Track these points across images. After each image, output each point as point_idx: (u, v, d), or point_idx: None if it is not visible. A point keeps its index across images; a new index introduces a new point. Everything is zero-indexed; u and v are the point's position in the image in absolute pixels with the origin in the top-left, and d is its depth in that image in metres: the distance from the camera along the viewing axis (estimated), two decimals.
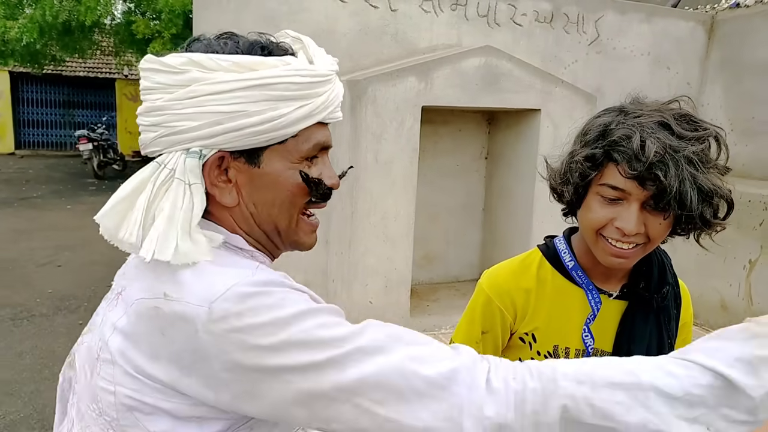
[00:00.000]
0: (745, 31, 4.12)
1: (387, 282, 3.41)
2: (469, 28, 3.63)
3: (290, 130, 0.80)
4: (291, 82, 0.78)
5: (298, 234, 0.89)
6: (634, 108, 1.18)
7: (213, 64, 0.76)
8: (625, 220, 1.12)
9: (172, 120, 0.77)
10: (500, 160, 4.09)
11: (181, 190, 0.76)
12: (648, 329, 1.29)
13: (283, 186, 0.83)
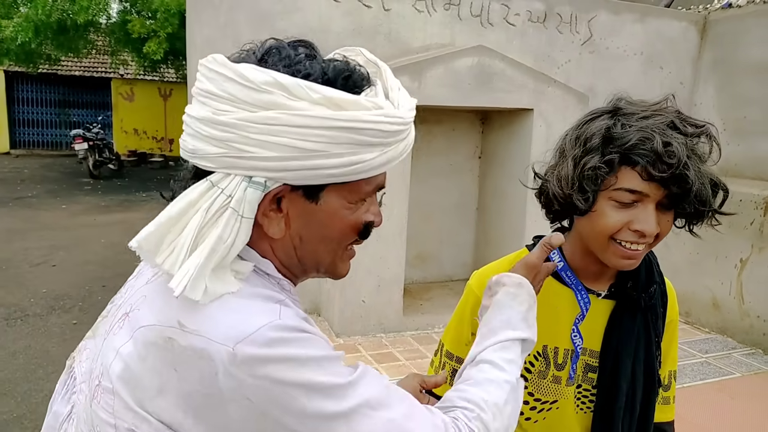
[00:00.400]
0: (737, 31, 4.14)
1: (380, 281, 3.41)
2: (463, 28, 3.64)
3: (363, 175, 0.74)
4: (379, 129, 0.72)
5: (338, 266, 0.85)
6: (631, 108, 1.18)
7: (302, 93, 0.69)
8: (644, 222, 1.12)
9: (242, 142, 0.69)
10: (493, 159, 4.10)
11: (231, 222, 0.70)
12: (636, 328, 1.31)
13: (337, 225, 0.78)
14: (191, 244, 0.68)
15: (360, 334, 3.44)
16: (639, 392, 1.33)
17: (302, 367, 0.66)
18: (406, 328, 3.55)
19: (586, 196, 1.14)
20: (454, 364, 1.38)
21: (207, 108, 0.71)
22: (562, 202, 1.20)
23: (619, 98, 1.21)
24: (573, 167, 1.15)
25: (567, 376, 1.34)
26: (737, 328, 3.66)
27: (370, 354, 3.26)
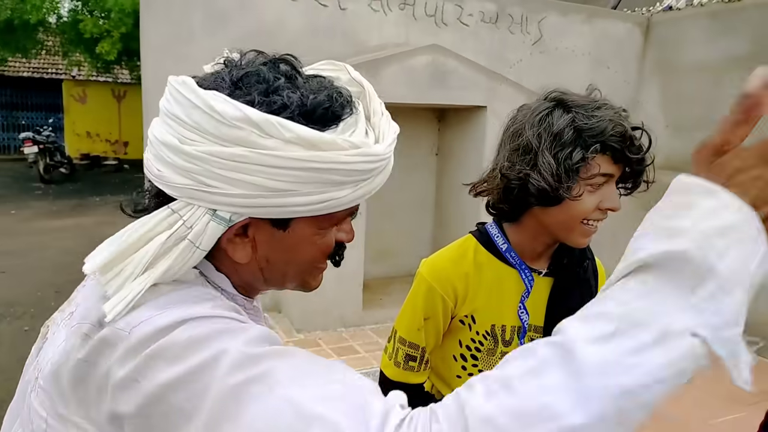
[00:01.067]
0: (677, 32, 4.37)
1: (339, 276, 3.46)
2: (417, 28, 3.73)
3: (334, 210, 0.71)
4: (353, 170, 0.68)
5: (308, 282, 0.82)
6: (578, 101, 1.28)
7: (274, 131, 0.64)
8: (612, 200, 1.24)
9: (207, 176, 0.65)
10: (450, 156, 4.20)
11: (186, 254, 0.67)
12: (574, 300, 1.39)
13: (306, 251, 0.75)
14: (140, 272, 0.65)
15: (320, 329, 3.47)
16: None
17: (170, 366, 0.60)
18: (366, 322, 3.60)
19: (570, 185, 1.24)
20: (407, 349, 1.45)
21: (173, 133, 0.67)
22: (548, 194, 1.25)
23: (554, 91, 1.32)
24: (555, 162, 1.24)
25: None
26: None
27: (331, 348, 3.30)
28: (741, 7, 3.96)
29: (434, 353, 1.51)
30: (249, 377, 0.57)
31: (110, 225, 8.23)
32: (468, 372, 1.46)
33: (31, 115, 17.17)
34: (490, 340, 1.43)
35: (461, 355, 1.45)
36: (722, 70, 4.06)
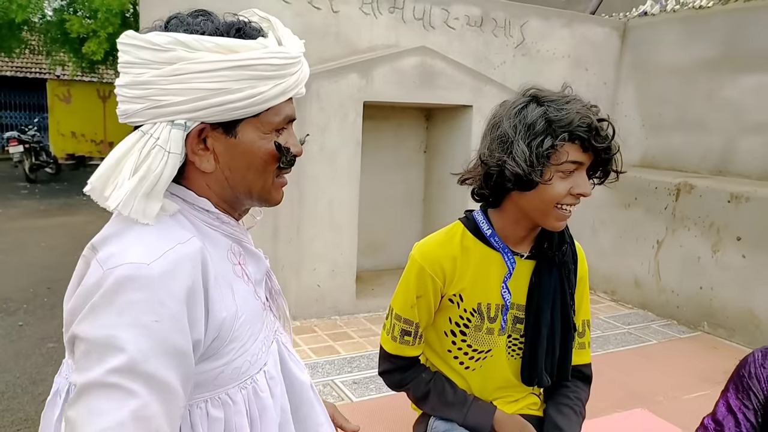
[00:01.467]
0: (652, 36, 4.60)
1: (334, 266, 3.62)
2: (406, 30, 3.90)
3: (265, 105, 0.89)
4: (269, 64, 0.86)
5: (270, 193, 0.98)
6: (550, 96, 1.45)
7: (198, 45, 0.83)
8: (583, 186, 1.42)
9: (158, 94, 0.83)
10: (437, 153, 4.38)
11: (159, 156, 0.84)
12: (553, 281, 1.56)
13: (256, 154, 0.92)
14: (129, 176, 0.83)
15: (316, 316, 3.63)
16: (557, 337, 1.59)
17: (109, 317, 0.76)
18: (359, 311, 3.76)
19: (541, 171, 1.40)
20: (402, 324, 1.60)
21: (128, 76, 0.85)
22: (521, 180, 1.40)
23: (531, 88, 1.49)
24: (528, 150, 1.38)
25: (499, 327, 1.59)
26: (655, 303, 4.07)
27: (326, 334, 3.45)
28: (709, 14, 4.20)
29: (428, 330, 1.66)
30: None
31: (100, 224, 8.15)
32: (458, 347, 1.62)
33: (15, 114, 17.03)
34: (476, 316, 1.59)
35: (451, 331, 1.60)
36: (693, 72, 4.30)
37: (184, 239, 0.84)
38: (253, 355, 0.96)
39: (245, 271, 0.99)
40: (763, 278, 3.40)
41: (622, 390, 2.74)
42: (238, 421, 0.94)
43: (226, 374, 0.92)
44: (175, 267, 0.80)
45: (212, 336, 0.87)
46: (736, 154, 4.03)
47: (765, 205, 3.40)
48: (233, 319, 0.90)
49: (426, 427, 1.69)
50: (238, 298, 0.93)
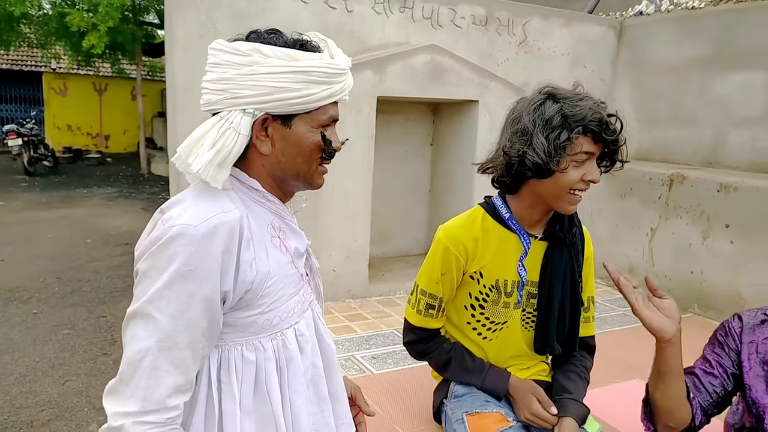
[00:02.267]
0: (647, 35, 4.82)
1: (348, 252, 3.82)
2: (416, 29, 4.10)
3: (316, 104, 1.10)
4: (321, 71, 1.08)
5: (314, 177, 1.19)
6: (565, 93, 1.63)
7: (270, 53, 1.05)
8: (593, 173, 1.60)
9: (236, 88, 1.06)
10: (443, 146, 4.59)
11: (233, 136, 1.06)
12: (563, 261, 1.74)
13: (305, 143, 1.13)
14: (208, 149, 1.05)
15: (331, 300, 3.83)
16: (567, 311, 1.78)
17: (160, 264, 0.99)
18: (372, 294, 3.97)
19: (558, 160, 1.59)
20: (427, 299, 1.79)
21: (214, 74, 1.07)
22: (541, 168, 1.57)
23: (547, 86, 1.67)
24: (546, 142, 1.55)
25: (515, 301, 1.78)
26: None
27: (343, 315, 3.66)
28: (701, 15, 4.43)
29: (448, 304, 1.84)
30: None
31: (103, 216, 8.35)
32: (476, 319, 1.81)
33: (11, 107, 16.97)
34: (494, 292, 1.77)
35: (471, 305, 1.79)
36: (686, 70, 4.53)
37: (228, 209, 1.04)
38: (284, 312, 1.15)
39: (284, 243, 1.18)
40: (750, 263, 3.65)
41: (620, 364, 2.97)
42: (267, 366, 1.14)
43: (259, 324, 1.12)
44: (215, 230, 1.01)
45: (243, 289, 1.07)
46: (726, 146, 4.27)
47: (752, 194, 3.64)
48: (264, 278, 1.09)
49: (447, 391, 1.86)
50: (272, 263, 1.12)
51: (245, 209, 1.11)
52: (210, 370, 1.12)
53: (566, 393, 1.74)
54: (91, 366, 3.37)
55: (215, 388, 1.12)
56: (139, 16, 12.22)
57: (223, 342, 1.12)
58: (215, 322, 1.06)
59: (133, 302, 1.02)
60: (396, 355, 3.03)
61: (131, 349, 0.99)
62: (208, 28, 3.48)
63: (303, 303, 1.23)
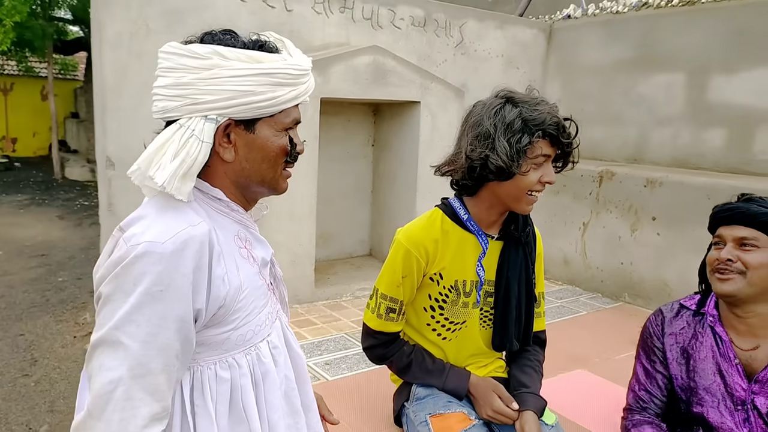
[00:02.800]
0: (575, 38, 5.04)
1: (294, 257, 3.75)
2: (356, 29, 4.08)
3: (281, 107, 1.06)
4: (286, 73, 1.04)
5: (279, 182, 1.15)
6: (522, 97, 1.68)
7: (231, 55, 1.01)
8: (550, 174, 1.65)
9: (197, 94, 1.00)
10: (385, 147, 4.60)
11: (196, 144, 1.00)
12: (519, 259, 1.80)
13: (270, 148, 1.09)
14: (171, 160, 0.99)
15: None
16: (523, 306, 1.84)
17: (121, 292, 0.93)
18: (318, 299, 3.92)
19: (519, 163, 1.63)
20: (388, 303, 1.79)
21: (169, 78, 1.01)
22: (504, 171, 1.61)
23: (503, 90, 1.72)
24: (508, 145, 1.59)
25: (474, 300, 1.82)
26: (582, 279, 4.53)
27: (291, 321, 3.59)
28: (625, 19, 4.68)
29: (408, 307, 1.86)
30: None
31: (14, 226, 7.72)
32: (436, 320, 1.83)
33: None
34: (453, 292, 1.80)
35: (430, 306, 1.81)
36: (611, 71, 4.77)
37: (195, 222, 0.99)
38: (256, 325, 1.11)
39: (251, 253, 1.14)
40: (675, 253, 3.90)
41: (563, 355, 3.10)
42: (243, 383, 1.10)
43: (232, 340, 1.08)
44: (184, 246, 0.96)
45: (216, 305, 1.02)
46: (649, 144, 4.55)
47: (675, 188, 3.90)
48: (237, 292, 1.05)
49: (408, 394, 1.87)
50: (242, 275, 1.07)
51: (211, 219, 1.06)
52: (183, 393, 1.06)
53: (524, 387, 1.79)
54: (9, 390, 3.11)
55: (189, 412, 1.05)
56: (50, 11, 11.45)
57: (194, 362, 1.07)
58: (189, 343, 1.00)
59: (97, 329, 0.95)
60: (349, 360, 3.01)
61: (100, 381, 0.92)
62: (140, 25, 3.30)
63: (272, 314, 1.19)
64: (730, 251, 1.64)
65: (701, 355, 1.75)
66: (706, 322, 1.77)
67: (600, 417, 2.39)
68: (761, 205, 1.64)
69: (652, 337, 1.87)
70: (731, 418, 1.68)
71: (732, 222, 1.67)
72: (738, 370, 1.68)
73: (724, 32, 4.04)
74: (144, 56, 3.28)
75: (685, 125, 4.30)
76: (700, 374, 1.74)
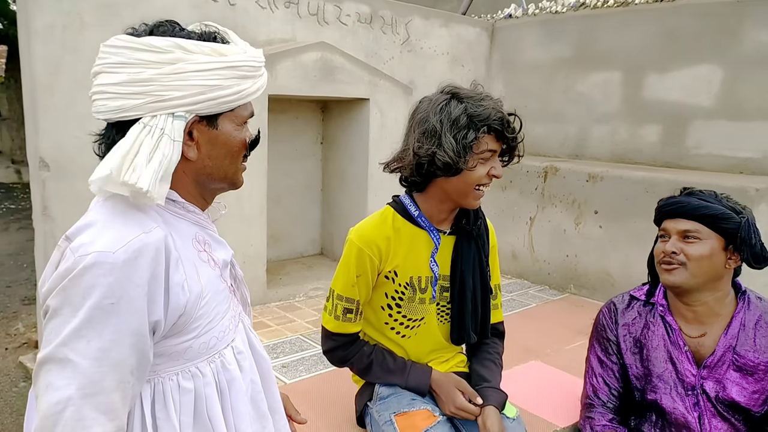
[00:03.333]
0: (516, 37, 5.16)
1: (245, 258, 3.65)
2: (302, 25, 4.01)
3: (245, 100, 1.05)
4: (249, 65, 1.02)
5: (238, 176, 1.13)
6: (467, 93, 1.70)
7: (195, 48, 0.97)
8: (497, 168, 1.67)
9: (160, 90, 0.95)
10: (334, 144, 4.55)
11: (169, 144, 0.96)
12: (471, 252, 1.83)
13: (233, 143, 1.07)
14: (146, 163, 0.94)
15: None
16: (479, 299, 1.87)
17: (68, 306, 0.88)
18: (271, 300, 3.84)
19: (465, 159, 1.64)
20: (344, 303, 1.78)
21: (122, 75, 0.94)
22: (451, 167, 1.62)
23: (448, 86, 1.73)
24: (455, 141, 1.61)
25: (430, 296, 1.83)
26: (530, 272, 4.65)
27: None
28: (564, 19, 4.83)
29: (365, 306, 1.85)
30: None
31: None
32: (393, 318, 1.84)
33: None
34: (410, 289, 1.82)
35: (387, 305, 1.82)
36: (552, 70, 4.91)
37: (149, 228, 0.94)
38: (220, 331, 1.08)
39: (211, 256, 1.11)
40: (616, 244, 4.07)
41: (517, 347, 3.17)
42: (208, 392, 1.06)
43: (195, 348, 1.04)
44: (138, 255, 0.90)
45: (176, 314, 0.97)
46: (589, 140, 4.72)
47: (616, 182, 4.06)
48: (198, 298, 1.01)
49: (371, 394, 1.87)
50: (203, 280, 1.03)
51: (168, 224, 1.01)
52: (143, 407, 1.00)
53: (485, 382, 1.82)
54: None
55: (150, 426, 1.00)
56: None
57: (155, 374, 1.01)
58: (145, 357, 0.95)
59: (44, 346, 0.88)
60: (307, 362, 2.96)
61: (47, 402, 0.85)
62: (73, 18, 3.11)
63: (235, 317, 1.16)
64: (675, 244, 1.72)
65: (653, 344, 1.83)
66: (657, 311, 1.85)
67: (556, 407, 2.45)
68: (701, 198, 1.72)
69: (605, 329, 1.94)
70: (682, 403, 1.76)
71: (676, 215, 1.74)
72: (688, 357, 1.77)
73: (656, 33, 4.23)
74: (78, 51, 3.09)
75: (623, 122, 4.48)
76: (653, 362, 1.82)
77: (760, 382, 1.71)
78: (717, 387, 1.72)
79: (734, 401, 1.70)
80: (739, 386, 1.71)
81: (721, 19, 3.89)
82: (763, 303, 1.78)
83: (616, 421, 1.89)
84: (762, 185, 3.47)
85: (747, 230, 1.65)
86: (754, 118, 3.81)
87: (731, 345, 1.72)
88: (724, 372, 1.72)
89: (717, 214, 1.66)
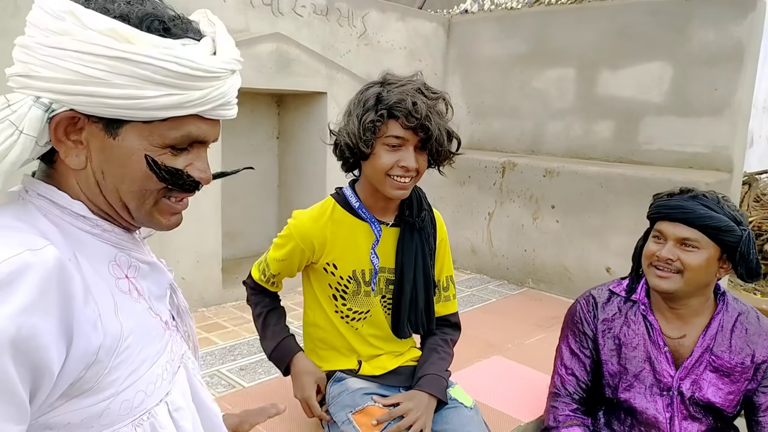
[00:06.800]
0: (473, 32, 5.17)
1: (199, 257, 3.51)
2: (256, 15, 3.88)
3: (154, 113, 0.77)
4: (163, 68, 0.75)
5: (153, 215, 0.86)
6: (394, 80, 1.67)
7: (92, 23, 0.73)
8: (407, 160, 1.64)
9: (34, 63, 0.75)
10: (291, 139, 4.44)
11: (8, 133, 0.72)
12: (414, 244, 1.81)
13: (133, 166, 0.80)
14: None
15: None
16: (421, 292, 1.85)
17: None
18: (227, 300, 3.71)
19: (367, 142, 1.62)
20: (270, 270, 1.84)
21: (24, 38, 0.77)
22: (352, 149, 1.62)
23: (386, 73, 1.71)
24: (357, 122, 1.59)
25: (371, 289, 1.82)
26: (489, 267, 4.67)
27: (198, 326, 3.36)
28: (519, 15, 4.87)
29: (318, 293, 1.85)
30: None
31: None
32: (341, 309, 1.82)
33: None
34: (353, 282, 1.80)
35: (333, 296, 1.82)
36: (508, 65, 4.95)
37: (36, 246, 0.69)
38: (148, 384, 0.84)
39: (135, 285, 0.87)
40: (573, 239, 4.13)
41: (479, 342, 3.17)
42: None
43: (114, 410, 0.79)
44: (12, 279, 0.65)
45: (84, 365, 0.74)
46: (545, 136, 4.77)
47: (571, 177, 4.12)
48: (115, 341, 0.78)
49: (323, 398, 1.87)
50: (123, 317, 0.80)
51: (71, 243, 0.78)
52: None
53: (420, 371, 1.84)
54: None
55: None
56: None
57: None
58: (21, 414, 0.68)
59: None
60: (266, 364, 2.86)
61: None
62: (8, 1, 2.90)
63: (172, 362, 0.91)
64: (672, 251, 1.64)
65: (633, 342, 1.81)
66: (638, 310, 1.83)
67: (518, 401, 2.45)
68: (706, 205, 1.62)
69: (582, 321, 1.92)
70: (655, 403, 1.76)
71: (676, 220, 1.65)
72: (667, 358, 1.77)
73: (609, 30, 4.31)
74: (11, 35, 2.88)
75: (577, 118, 4.55)
76: (631, 361, 1.81)
77: (736, 383, 1.72)
78: (693, 387, 1.73)
79: (710, 402, 1.71)
80: (715, 387, 1.72)
81: (672, 17, 3.99)
82: (739, 304, 1.79)
83: (581, 411, 1.88)
84: (711, 179, 3.58)
85: (747, 245, 1.59)
86: (702, 114, 3.94)
87: (709, 346, 1.73)
88: (701, 373, 1.73)
89: (721, 227, 1.59)
